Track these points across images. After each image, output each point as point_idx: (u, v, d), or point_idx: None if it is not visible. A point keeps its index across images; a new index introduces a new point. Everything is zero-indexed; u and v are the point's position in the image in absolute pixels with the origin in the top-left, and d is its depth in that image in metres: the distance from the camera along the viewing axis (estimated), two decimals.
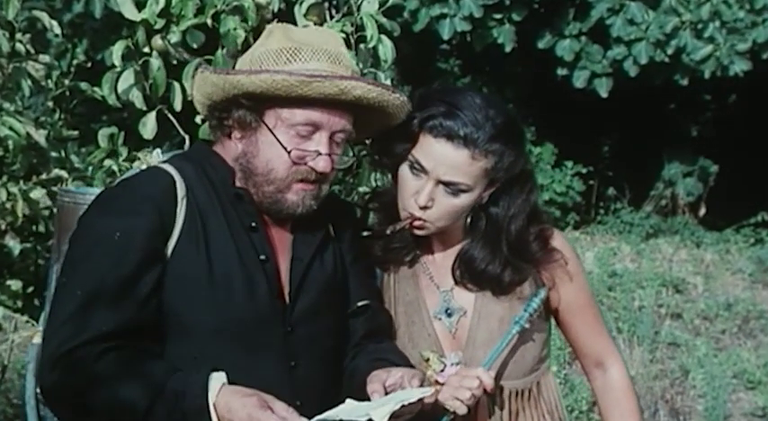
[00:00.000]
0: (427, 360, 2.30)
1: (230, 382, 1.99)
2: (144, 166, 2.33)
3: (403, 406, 1.99)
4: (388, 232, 2.33)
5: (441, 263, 2.41)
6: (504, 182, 2.32)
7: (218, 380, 1.97)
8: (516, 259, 2.34)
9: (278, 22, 2.94)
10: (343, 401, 2.05)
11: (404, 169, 2.31)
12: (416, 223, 2.30)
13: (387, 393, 2.08)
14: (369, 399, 2.07)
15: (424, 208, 2.27)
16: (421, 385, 2.08)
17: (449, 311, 2.37)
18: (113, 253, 2.05)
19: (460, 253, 2.38)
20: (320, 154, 2.13)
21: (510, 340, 2.31)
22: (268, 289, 2.15)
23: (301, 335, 2.16)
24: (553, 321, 2.50)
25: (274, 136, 2.12)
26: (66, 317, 2.03)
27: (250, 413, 1.92)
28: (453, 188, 2.26)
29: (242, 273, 2.12)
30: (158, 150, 2.41)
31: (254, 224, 2.16)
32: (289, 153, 2.11)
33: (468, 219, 2.36)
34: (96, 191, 2.41)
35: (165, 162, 2.24)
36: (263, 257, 2.15)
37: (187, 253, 2.10)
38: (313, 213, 2.21)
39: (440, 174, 2.24)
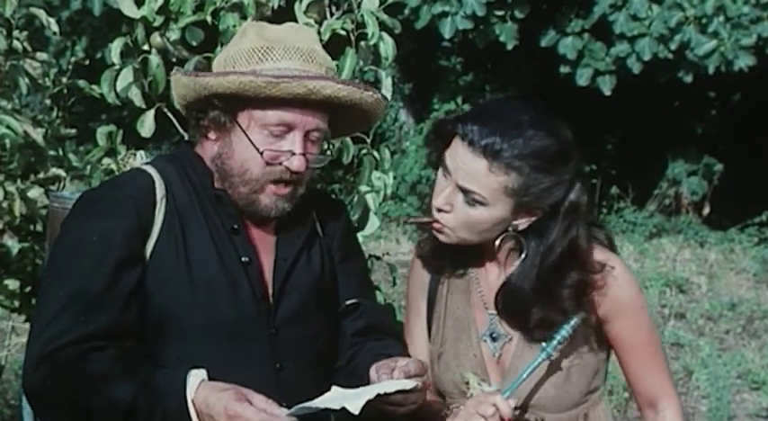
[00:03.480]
0: (467, 382, 2.22)
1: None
2: (128, 168, 2.32)
3: (379, 395, 1.96)
4: (402, 222, 2.28)
5: (492, 283, 2.28)
6: (547, 212, 2.17)
7: (197, 376, 1.97)
8: (543, 302, 2.18)
9: (277, 19, 2.92)
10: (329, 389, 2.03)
11: (440, 168, 2.23)
12: (435, 225, 2.21)
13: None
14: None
15: (441, 211, 2.17)
16: (409, 377, 2.03)
17: (494, 335, 2.26)
18: (92, 255, 2.06)
19: (504, 281, 2.25)
20: (294, 154, 2.10)
21: (535, 368, 2.19)
22: (251, 291, 2.14)
23: (286, 337, 2.15)
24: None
25: (247, 137, 2.10)
26: (49, 320, 2.04)
27: (227, 406, 1.91)
28: (469, 197, 2.14)
29: (224, 275, 2.12)
30: (141, 152, 2.40)
31: (236, 226, 2.16)
32: (261, 154, 2.09)
33: (497, 242, 2.21)
34: None
35: (147, 163, 2.23)
36: (245, 259, 2.14)
37: (166, 254, 2.10)
38: (298, 212, 2.20)
39: (458, 178, 2.14)
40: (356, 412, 1.91)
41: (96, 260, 2.04)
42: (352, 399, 1.93)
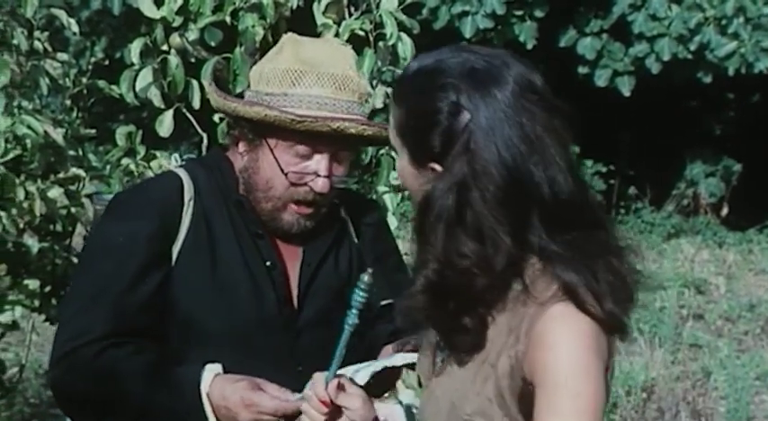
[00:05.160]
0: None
1: None
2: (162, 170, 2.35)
3: (386, 368, 1.97)
4: None
5: None
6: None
7: (211, 370, 2.01)
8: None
9: (296, 19, 2.92)
10: None
11: None
12: None
13: None
14: None
15: None
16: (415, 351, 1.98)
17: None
18: (116, 257, 2.09)
19: None
20: (319, 175, 2.12)
21: (346, 343, 1.82)
22: (275, 295, 2.15)
23: (308, 340, 2.16)
24: None
25: (274, 156, 2.12)
26: (70, 319, 2.10)
27: (242, 395, 1.95)
28: None
29: (248, 279, 2.14)
30: (176, 155, 2.41)
31: (260, 231, 2.17)
32: (286, 175, 2.12)
33: None
34: None
35: (180, 166, 2.25)
36: (269, 264, 2.16)
37: (192, 257, 2.12)
38: (327, 215, 2.20)
39: None
40: (362, 383, 1.90)
41: (119, 262, 2.07)
42: (360, 372, 1.95)
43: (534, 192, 1.54)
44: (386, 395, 1.94)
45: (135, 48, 2.89)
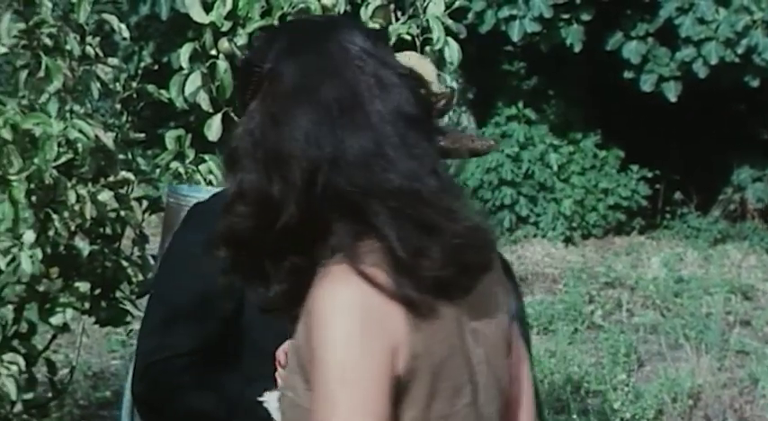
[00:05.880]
0: None
1: None
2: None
3: None
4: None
5: None
6: None
7: None
8: None
9: None
10: None
11: None
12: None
13: None
14: None
15: None
16: None
17: None
18: (197, 269, 2.05)
19: None
20: None
21: None
22: None
23: None
24: None
25: None
26: (150, 330, 2.12)
27: None
28: None
29: None
30: None
31: None
32: None
33: None
34: (203, 191, 2.44)
35: None
36: None
37: None
38: None
39: None
40: None
41: (199, 276, 2.04)
42: None
43: (325, 149, 1.46)
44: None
45: (184, 52, 2.92)
